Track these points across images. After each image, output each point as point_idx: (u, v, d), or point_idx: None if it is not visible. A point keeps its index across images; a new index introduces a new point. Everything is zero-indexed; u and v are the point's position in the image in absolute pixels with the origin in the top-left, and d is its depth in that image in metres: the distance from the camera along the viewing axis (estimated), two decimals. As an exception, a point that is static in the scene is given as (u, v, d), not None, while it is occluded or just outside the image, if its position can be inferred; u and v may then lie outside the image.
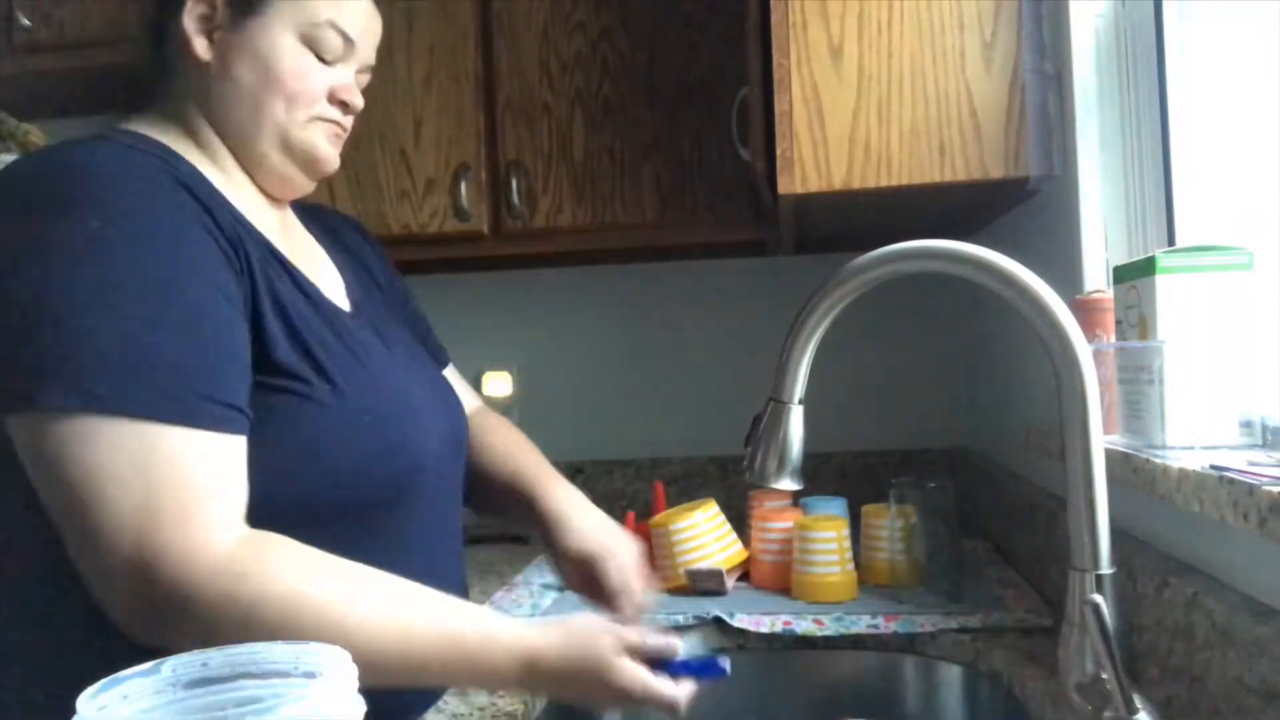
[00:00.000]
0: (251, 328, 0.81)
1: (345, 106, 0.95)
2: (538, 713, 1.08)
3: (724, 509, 1.50)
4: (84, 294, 0.73)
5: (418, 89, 1.77)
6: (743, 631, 1.25)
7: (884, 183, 1.22)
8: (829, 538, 1.34)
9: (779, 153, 1.23)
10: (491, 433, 1.14)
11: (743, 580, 1.45)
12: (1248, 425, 0.83)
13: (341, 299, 0.97)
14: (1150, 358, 0.85)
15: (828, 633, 1.24)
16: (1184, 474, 0.75)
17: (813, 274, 0.86)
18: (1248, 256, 0.83)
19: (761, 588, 1.41)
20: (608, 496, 2.05)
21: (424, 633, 0.77)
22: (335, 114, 0.94)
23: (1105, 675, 0.70)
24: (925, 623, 1.22)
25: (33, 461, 0.73)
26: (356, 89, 0.96)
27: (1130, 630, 0.91)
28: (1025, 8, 1.21)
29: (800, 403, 0.81)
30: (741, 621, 1.26)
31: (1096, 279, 1.14)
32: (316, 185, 0.98)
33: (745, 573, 1.45)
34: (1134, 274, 0.89)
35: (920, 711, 1.23)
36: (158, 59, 0.93)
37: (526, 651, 0.80)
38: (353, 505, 0.85)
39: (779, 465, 0.81)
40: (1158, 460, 0.80)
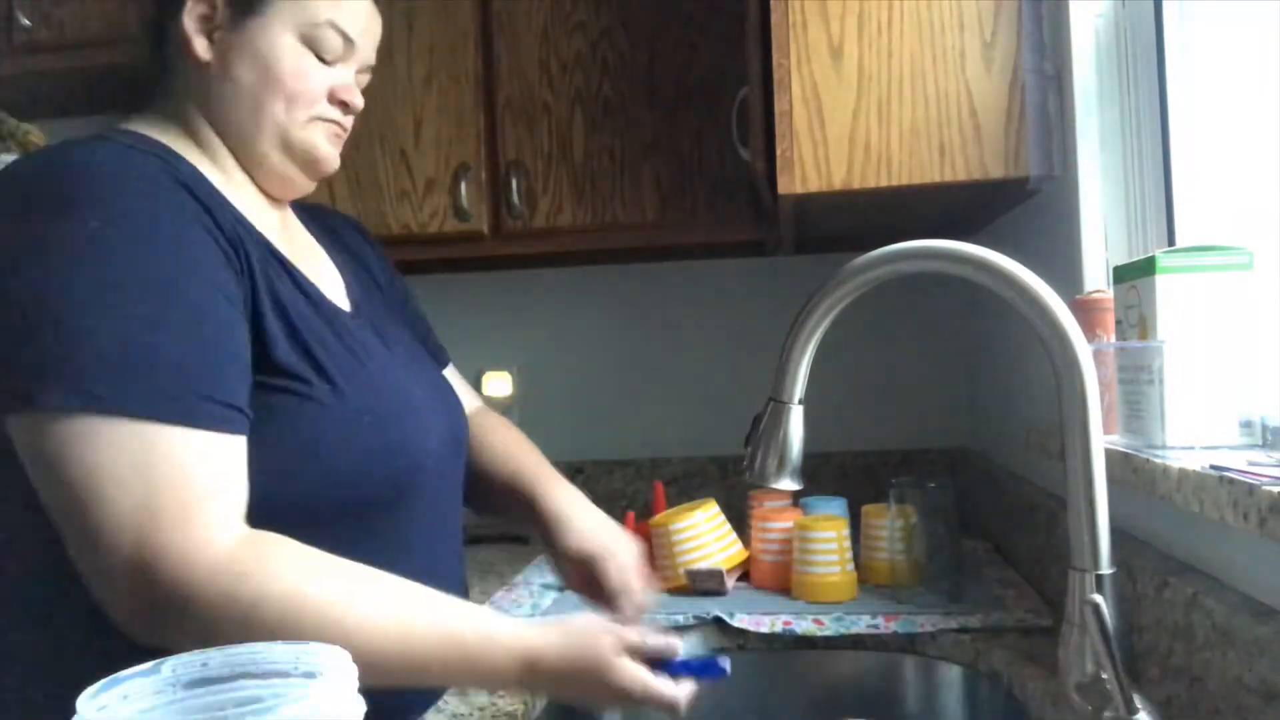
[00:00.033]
0: (251, 328, 0.81)
1: (345, 106, 0.94)
2: (538, 713, 1.08)
3: (724, 509, 1.50)
4: (84, 294, 0.73)
5: (418, 89, 1.77)
6: (743, 631, 1.25)
7: (884, 183, 1.22)
8: (829, 538, 1.34)
9: (779, 153, 1.23)
10: (491, 433, 1.14)
11: (743, 580, 1.45)
12: (1248, 425, 0.83)
13: (341, 299, 0.97)
14: (1150, 358, 0.85)
15: (828, 633, 1.24)
16: (1184, 474, 0.75)
17: (813, 274, 0.86)
18: (1248, 256, 0.83)
19: (761, 588, 1.41)
20: (608, 496, 2.05)
21: (424, 633, 0.77)
22: (335, 114, 0.94)
23: (1105, 675, 0.70)
24: (925, 623, 1.22)
25: (32, 462, 0.73)
26: (356, 89, 0.96)
27: (1130, 630, 0.91)
28: (1025, 8, 1.21)
29: (800, 403, 0.81)
30: (741, 621, 1.26)
31: (1096, 279, 1.14)
32: (318, 186, 0.98)
33: (745, 573, 1.45)
34: (1134, 274, 0.89)
35: (920, 711, 1.23)
36: (158, 59, 0.93)
37: (526, 651, 0.80)
38: (353, 505, 0.85)
39: (779, 465, 0.81)
40: (1158, 460, 0.80)
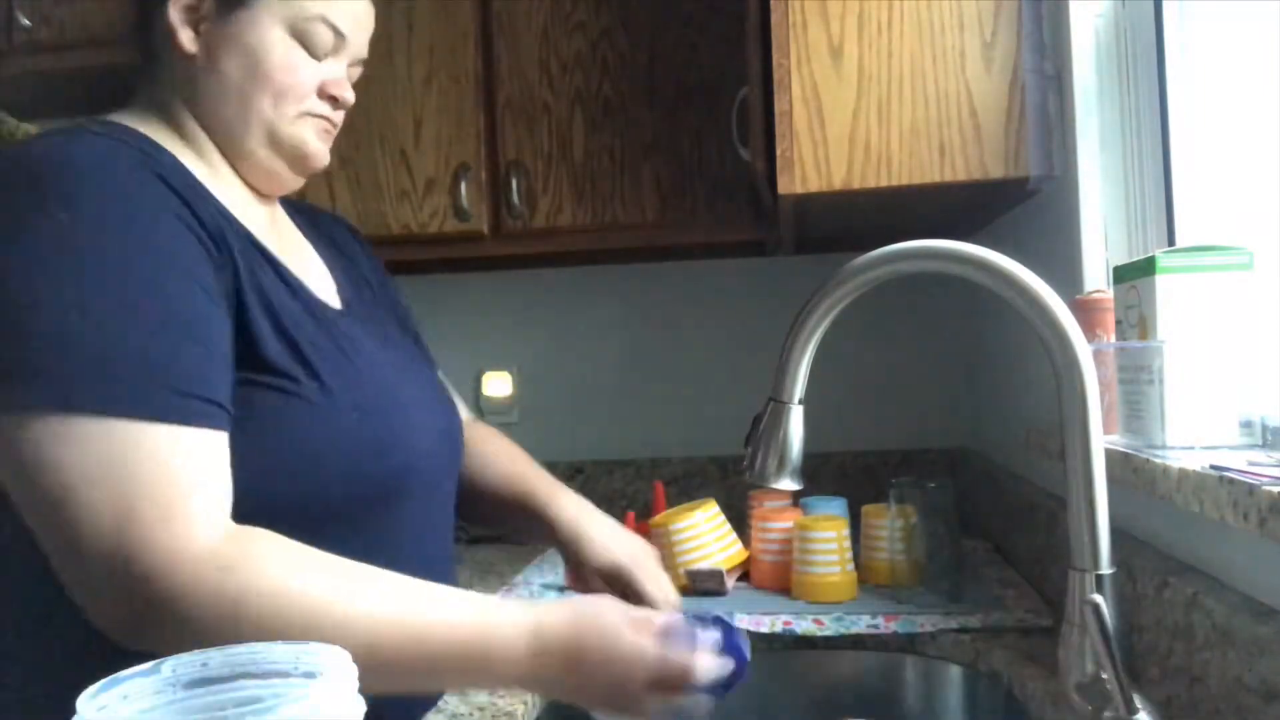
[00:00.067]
0: (237, 323, 0.79)
1: (335, 101, 0.93)
2: (538, 712, 1.08)
3: (724, 509, 1.50)
4: (53, 289, 0.71)
5: (418, 89, 1.76)
6: (743, 631, 1.25)
7: (884, 183, 1.22)
8: (829, 538, 1.34)
9: (779, 153, 1.23)
10: (485, 443, 1.13)
11: (743, 580, 1.45)
12: (1248, 425, 0.83)
13: (331, 296, 0.95)
14: (1150, 358, 0.85)
15: (828, 633, 1.24)
16: (1184, 474, 0.75)
17: (813, 274, 0.86)
18: (1248, 256, 0.83)
19: (761, 588, 1.41)
20: (608, 496, 2.05)
21: (422, 619, 0.75)
22: (325, 109, 0.92)
23: (1105, 675, 0.70)
24: (925, 623, 1.22)
25: (5, 467, 0.71)
26: (347, 83, 0.94)
27: (1130, 630, 0.91)
28: (1025, 8, 1.21)
29: (800, 403, 0.81)
30: (741, 621, 1.26)
31: (1096, 279, 1.14)
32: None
33: (745, 573, 1.45)
34: (1134, 274, 0.89)
35: (920, 711, 1.23)
36: (142, 51, 0.91)
37: (534, 622, 0.76)
38: (342, 503, 0.83)
39: (779, 465, 0.81)
40: (1158, 460, 0.80)
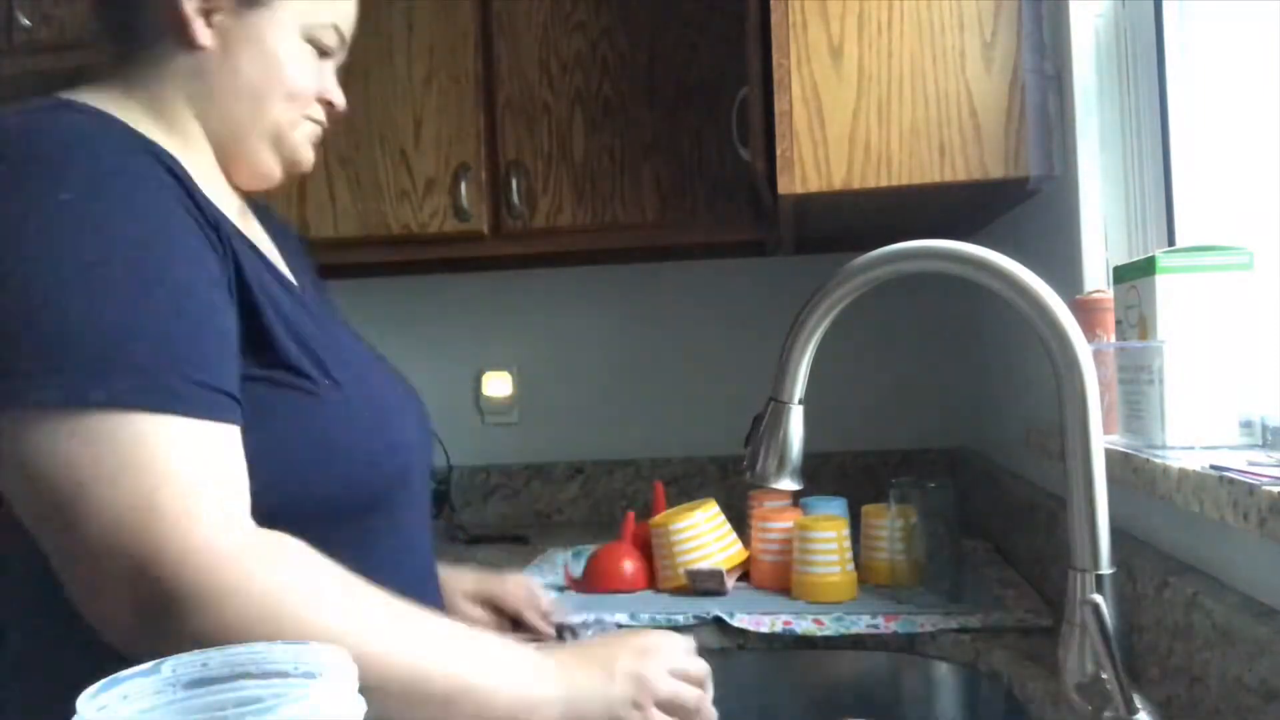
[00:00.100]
0: (250, 321, 0.78)
1: (331, 107, 0.93)
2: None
3: (724, 509, 1.50)
4: (57, 273, 0.68)
5: (418, 89, 1.77)
6: (743, 631, 1.25)
7: (884, 183, 1.22)
8: (829, 538, 1.34)
9: (779, 153, 1.23)
10: None
11: (743, 580, 1.45)
12: (1248, 425, 0.83)
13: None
14: (1150, 358, 0.85)
15: (828, 633, 1.24)
16: (1184, 474, 0.75)
17: (813, 274, 0.86)
18: (1248, 256, 0.83)
19: (761, 588, 1.41)
20: (608, 496, 2.06)
21: (440, 638, 0.75)
22: (320, 115, 0.93)
23: (1105, 675, 0.70)
24: (925, 623, 1.22)
25: (6, 467, 0.67)
26: (339, 89, 0.94)
27: (1130, 630, 0.91)
28: (1025, 8, 1.21)
29: (800, 403, 0.81)
30: (741, 621, 1.26)
31: (1096, 279, 1.14)
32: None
33: (745, 573, 1.45)
34: (1134, 274, 0.89)
35: (920, 712, 1.23)
36: (120, 35, 0.87)
37: (542, 653, 0.81)
38: (361, 502, 0.83)
39: (779, 465, 0.81)
40: (1158, 460, 0.80)
